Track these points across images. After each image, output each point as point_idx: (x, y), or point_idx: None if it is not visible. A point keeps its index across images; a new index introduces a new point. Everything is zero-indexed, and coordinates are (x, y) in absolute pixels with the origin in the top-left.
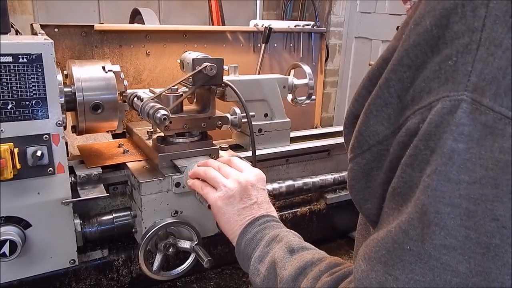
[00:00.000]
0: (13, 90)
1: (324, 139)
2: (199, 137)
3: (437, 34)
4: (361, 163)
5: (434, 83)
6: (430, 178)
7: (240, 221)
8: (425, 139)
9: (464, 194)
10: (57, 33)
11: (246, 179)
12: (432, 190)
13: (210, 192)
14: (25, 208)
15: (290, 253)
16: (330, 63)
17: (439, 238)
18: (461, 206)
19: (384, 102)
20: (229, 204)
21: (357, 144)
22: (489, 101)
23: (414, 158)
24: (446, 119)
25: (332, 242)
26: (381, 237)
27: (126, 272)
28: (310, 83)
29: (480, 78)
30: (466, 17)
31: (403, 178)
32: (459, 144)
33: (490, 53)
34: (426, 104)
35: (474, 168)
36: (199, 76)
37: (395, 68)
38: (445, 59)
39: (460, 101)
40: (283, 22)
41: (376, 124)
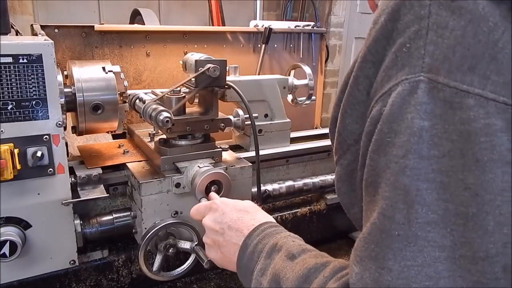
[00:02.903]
0: (13, 91)
1: (324, 139)
2: (202, 139)
3: (391, 28)
4: (344, 165)
5: (393, 71)
6: (406, 158)
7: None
8: (388, 122)
9: (437, 168)
10: (57, 34)
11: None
12: (411, 169)
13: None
14: (25, 208)
15: (291, 260)
16: (330, 63)
17: (422, 216)
18: (436, 180)
19: (355, 99)
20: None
21: (339, 146)
22: (444, 78)
23: (379, 142)
24: (408, 100)
25: (332, 242)
26: (367, 232)
27: (126, 272)
28: (310, 84)
29: (433, 58)
30: (413, 8)
31: (371, 166)
32: (425, 122)
33: (438, 35)
34: (386, 90)
35: (441, 143)
36: (202, 77)
37: (361, 65)
38: (400, 47)
39: (418, 82)
40: (283, 23)
41: (352, 123)
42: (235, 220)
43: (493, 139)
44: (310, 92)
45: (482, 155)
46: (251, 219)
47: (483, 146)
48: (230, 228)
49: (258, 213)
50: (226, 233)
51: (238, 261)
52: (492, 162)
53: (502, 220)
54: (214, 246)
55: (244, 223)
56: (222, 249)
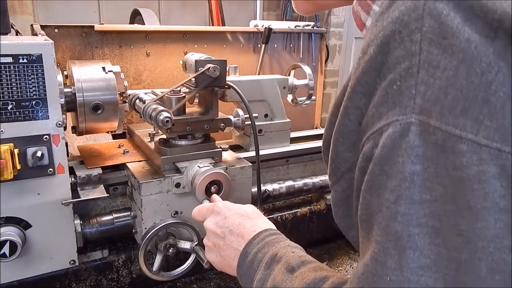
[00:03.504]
0: (13, 91)
1: None
2: (202, 139)
3: (381, 60)
4: (339, 191)
5: (383, 108)
6: (397, 204)
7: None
8: (380, 164)
9: (428, 212)
10: (57, 34)
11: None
12: (402, 216)
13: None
14: (25, 208)
15: (290, 273)
16: (330, 63)
17: (414, 261)
18: (428, 224)
19: (347, 129)
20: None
21: (333, 172)
22: (436, 121)
23: (371, 183)
24: (399, 143)
25: (332, 242)
26: (361, 273)
27: (126, 272)
28: (310, 84)
29: (424, 99)
30: (404, 42)
31: (364, 205)
32: (417, 166)
33: (430, 74)
34: (377, 129)
35: (433, 187)
36: (202, 77)
37: (351, 96)
38: (390, 84)
39: (409, 124)
40: (283, 23)
41: (344, 151)
42: (237, 225)
43: (486, 186)
44: (310, 92)
45: (475, 202)
46: (253, 225)
47: (476, 194)
48: (231, 233)
49: (259, 219)
50: (227, 237)
51: (238, 268)
52: (485, 209)
53: (495, 266)
54: (214, 249)
55: (245, 228)
56: (222, 252)
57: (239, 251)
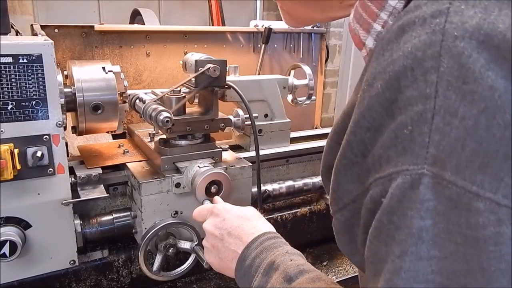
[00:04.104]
0: (13, 91)
1: (324, 139)
2: (202, 139)
3: (390, 97)
4: (341, 219)
5: (392, 152)
6: (401, 260)
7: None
8: (388, 214)
9: (436, 269)
10: (57, 34)
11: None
12: (406, 272)
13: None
14: (25, 208)
15: (287, 282)
16: (330, 63)
17: None
18: (435, 281)
19: (350, 162)
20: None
21: (334, 202)
22: (450, 175)
23: (379, 231)
24: (409, 195)
25: (332, 242)
26: None
27: (126, 272)
28: (310, 84)
29: (438, 150)
30: (417, 82)
31: (372, 249)
32: (426, 221)
33: (446, 122)
34: (385, 175)
35: (443, 243)
36: (202, 77)
37: (354, 130)
38: (400, 127)
39: (421, 176)
40: (283, 23)
41: (346, 183)
42: (235, 227)
43: (503, 249)
44: (310, 92)
45: (490, 264)
46: (251, 228)
47: (491, 256)
48: (230, 235)
49: (259, 221)
50: (225, 239)
51: (236, 272)
52: (499, 271)
53: None
54: (213, 250)
55: (244, 230)
56: (220, 254)
57: (237, 254)
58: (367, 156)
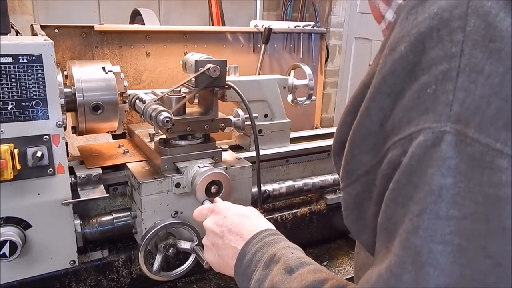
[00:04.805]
0: (13, 91)
1: (324, 139)
2: (202, 139)
3: (413, 60)
4: (352, 193)
5: (414, 113)
6: (419, 218)
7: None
8: (407, 174)
9: (455, 230)
10: (57, 34)
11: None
12: (424, 230)
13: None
14: (25, 208)
15: (288, 274)
16: (330, 63)
17: (433, 279)
18: (453, 242)
19: (367, 131)
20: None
21: (346, 174)
22: (474, 132)
23: (396, 193)
24: (430, 153)
25: (332, 242)
26: (374, 281)
27: (126, 272)
28: (310, 84)
29: (463, 107)
30: (442, 42)
31: (387, 213)
32: (447, 179)
33: (471, 80)
34: (406, 135)
35: (463, 203)
36: (202, 77)
37: (374, 96)
38: (423, 87)
39: (443, 133)
40: (283, 23)
41: (361, 153)
42: (236, 224)
43: None
44: (310, 92)
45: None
46: (252, 225)
47: None
48: (230, 232)
49: (259, 219)
50: (225, 236)
51: (236, 268)
52: None
53: None
54: (213, 248)
55: (244, 227)
56: (220, 252)
57: (237, 250)
58: (384, 124)
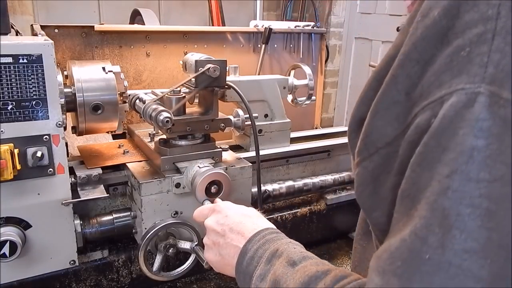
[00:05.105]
0: (13, 91)
1: (324, 139)
2: (202, 139)
3: (446, 25)
4: (369, 167)
5: (446, 76)
6: (450, 179)
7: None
8: (437, 136)
9: (485, 193)
10: (57, 34)
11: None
12: (453, 192)
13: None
14: (25, 208)
15: (291, 266)
16: (330, 63)
17: (459, 243)
18: (482, 206)
19: (391, 100)
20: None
21: (364, 147)
22: (508, 94)
23: (424, 156)
24: (462, 114)
25: (332, 242)
26: (395, 247)
27: (126, 272)
28: (310, 84)
29: (498, 69)
30: (478, 6)
31: (412, 178)
32: (479, 140)
33: (507, 42)
34: (436, 98)
35: (494, 165)
36: (202, 77)
37: (403, 63)
38: (457, 50)
39: (477, 94)
40: (283, 23)
41: (384, 125)
42: (237, 223)
43: None
44: (310, 92)
45: None
46: (253, 224)
47: None
48: (232, 231)
49: (260, 219)
50: (227, 235)
51: (237, 266)
52: None
53: None
54: (214, 247)
55: (246, 226)
56: (221, 251)
57: (239, 248)
58: (411, 93)
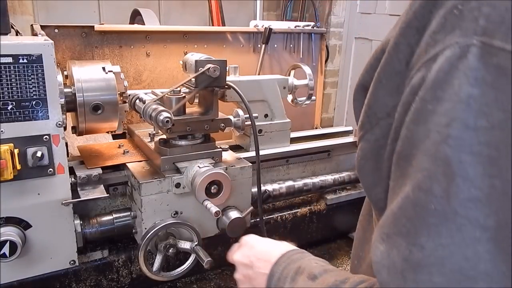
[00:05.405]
0: (13, 91)
1: (324, 139)
2: (202, 139)
3: None
4: (371, 140)
5: (440, 35)
6: (449, 127)
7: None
8: (432, 88)
9: (484, 140)
10: (57, 34)
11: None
12: (454, 139)
13: None
14: (25, 208)
15: (312, 280)
16: (330, 63)
17: (463, 191)
18: (482, 153)
19: (393, 69)
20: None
21: (367, 119)
22: (499, 42)
23: (419, 111)
24: (456, 65)
25: (332, 242)
26: (398, 207)
27: (126, 272)
28: (310, 84)
29: (488, 21)
30: None
31: (408, 138)
32: (474, 89)
33: None
34: (431, 56)
35: (491, 112)
36: (202, 77)
37: (404, 31)
38: (450, 9)
39: (469, 46)
40: (283, 23)
41: (385, 95)
42: (263, 252)
43: None
44: (310, 92)
45: None
46: (279, 249)
47: None
48: (259, 260)
49: (285, 244)
50: (255, 265)
51: None
52: None
53: None
54: (245, 281)
55: (271, 253)
56: (253, 282)
57: (267, 275)
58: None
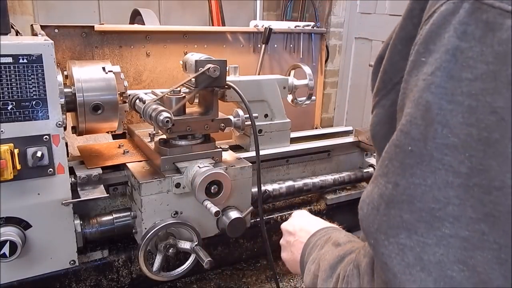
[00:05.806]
0: (13, 91)
1: (324, 139)
2: (202, 139)
3: None
4: (386, 105)
5: None
6: (433, 75)
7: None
8: (425, 42)
9: (466, 91)
10: (57, 34)
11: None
12: (437, 87)
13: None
14: (25, 208)
15: (335, 247)
16: (330, 63)
17: (441, 137)
18: (463, 103)
19: (407, 34)
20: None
21: (382, 85)
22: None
23: (413, 64)
24: (448, 19)
25: None
26: (385, 151)
27: (126, 272)
28: (310, 84)
29: None
30: None
31: (403, 89)
32: (462, 43)
33: None
34: (430, 13)
35: (475, 65)
36: (202, 77)
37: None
38: None
39: (462, 2)
40: (283, 23)
41: (400, 60)
42: (307, 224)
43: None
44: (310, 92)
45: None
46: (320, 225)
47: None
48: (301, 230)
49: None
50: (297, 233)
51: (301, 258)
52: None
53: None
54: (287, 246)
55: (314, 226)
56: (292, 248)
57: (304, 243)
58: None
